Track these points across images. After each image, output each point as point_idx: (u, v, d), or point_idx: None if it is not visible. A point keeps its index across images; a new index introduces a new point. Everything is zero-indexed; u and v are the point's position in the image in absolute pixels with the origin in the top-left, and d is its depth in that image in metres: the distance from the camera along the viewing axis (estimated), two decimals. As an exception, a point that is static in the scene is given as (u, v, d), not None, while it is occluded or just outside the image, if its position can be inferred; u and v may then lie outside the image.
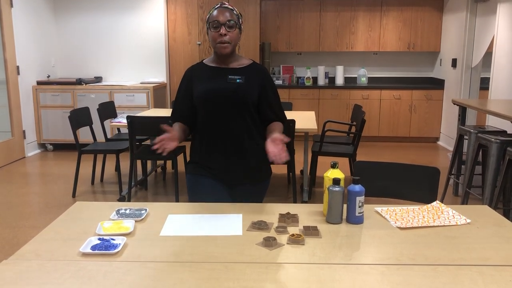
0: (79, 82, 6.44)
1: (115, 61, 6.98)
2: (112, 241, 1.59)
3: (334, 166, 1.83)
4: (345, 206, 1.83)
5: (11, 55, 5.91)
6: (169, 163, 5.65)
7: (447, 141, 6.91)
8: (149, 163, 5.28)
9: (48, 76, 6.74)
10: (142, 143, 5.13)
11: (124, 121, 4.39)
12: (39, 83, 6.44)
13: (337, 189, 1.76)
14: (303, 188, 4.49)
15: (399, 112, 7.16)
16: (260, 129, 2.26)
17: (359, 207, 1.77)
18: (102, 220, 1.81)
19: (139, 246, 1.58)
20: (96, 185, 4.96)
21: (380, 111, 7.16)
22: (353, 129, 4.87)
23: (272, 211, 1.93)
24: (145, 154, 4.40)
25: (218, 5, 2.12)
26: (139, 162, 5.36)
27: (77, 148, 4.51)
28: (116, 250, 1.51)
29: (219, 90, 2.12)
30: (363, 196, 1.77)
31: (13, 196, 4.60)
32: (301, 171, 5.32)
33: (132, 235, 1.67)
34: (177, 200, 4.26)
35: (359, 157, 5.88)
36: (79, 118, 4.63)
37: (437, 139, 7.27)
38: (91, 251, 1.51)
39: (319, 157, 4.47)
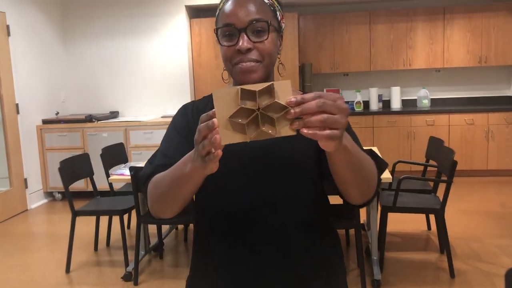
0: (90, 119, 5.51)
1: (133, 93, 6.03)
2: None
3: None
4: None
5: (9, 91, 5.03)
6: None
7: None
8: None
9: (57, 113, 5.85)
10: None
11: (127, 172, 3.34)
12: (44, 122, 5.55)
13: None
14: (371, 256, 3.28)
15: (473, 140, 5.86)
16: (323, 207, 1.17)
17: None
18: None
19: None
20: (101, 252, 3.91)
21: (449, 139, 5.88)
22: (429, 170, 3.66)
23: None
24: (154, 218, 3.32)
25: None
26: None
27: (70, 208, 3.48)
28: None
29: (244, 146, 1.00)
30: None
31: (-6, 270, 3.60)
32: (363, 226, 4.10)
33: None
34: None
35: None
36: (75, 168, 3.62)
37: (523, 171, 5.90)
38: None
39: (389, 213, 3.27)
